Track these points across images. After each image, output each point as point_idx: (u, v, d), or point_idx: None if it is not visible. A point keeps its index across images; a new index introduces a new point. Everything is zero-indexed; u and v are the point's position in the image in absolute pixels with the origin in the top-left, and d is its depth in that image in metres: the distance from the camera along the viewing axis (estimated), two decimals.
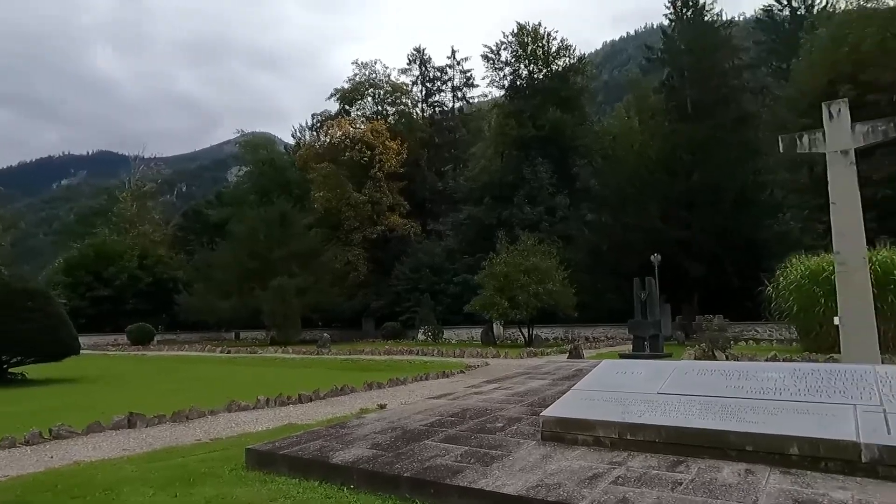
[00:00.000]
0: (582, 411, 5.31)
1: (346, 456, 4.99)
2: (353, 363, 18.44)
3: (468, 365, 15.65)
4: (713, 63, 38.49)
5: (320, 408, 9.65)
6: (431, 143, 51.06)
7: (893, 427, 4.13)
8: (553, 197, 36.05)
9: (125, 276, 43.17)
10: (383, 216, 42.65)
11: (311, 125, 51.64)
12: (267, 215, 37.45)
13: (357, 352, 21.66)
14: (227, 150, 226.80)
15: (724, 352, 14.51)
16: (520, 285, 24.64)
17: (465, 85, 54.29)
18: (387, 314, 40.27)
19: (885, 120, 10.53)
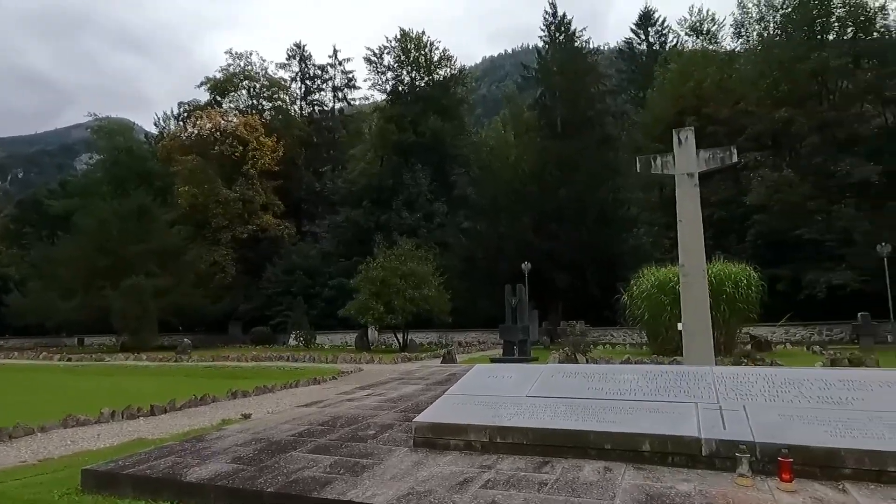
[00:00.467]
0: (454, 416, 5.33)
1: (203, 473, 4.58)
2: (216, 370, 17.26)
3: (341, 371, 15.29)
4: (581, 86, 41.36)
5: (176, 420, 8.87)
6: (309, 143, 49.63)
7: (728, 423, 4.59)
8: (431, 203, 36.54)
9: None
10: (255, 215, 40.57)
11: (177, 114, 47.93)
12: (122, 208, 34.00)
13: (221, 358, 20.30)
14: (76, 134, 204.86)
15: (585, 355, 15.49)
16: (396, 290, 24.61)
17: (346, 86, 53.46)
18: (256, 318, 38.32)
19: (723, 148, 11.85)
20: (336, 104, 53.43)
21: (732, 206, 31.99)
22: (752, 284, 17.02)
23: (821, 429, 4.29)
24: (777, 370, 6.01)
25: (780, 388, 5.12)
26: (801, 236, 27.97)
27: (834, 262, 26.62)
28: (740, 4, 35.30)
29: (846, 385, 4.98)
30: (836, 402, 4.70)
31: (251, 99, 47.61)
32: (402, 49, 40.26)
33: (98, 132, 48.94)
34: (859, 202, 27.90)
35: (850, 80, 29.81)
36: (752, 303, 16.71)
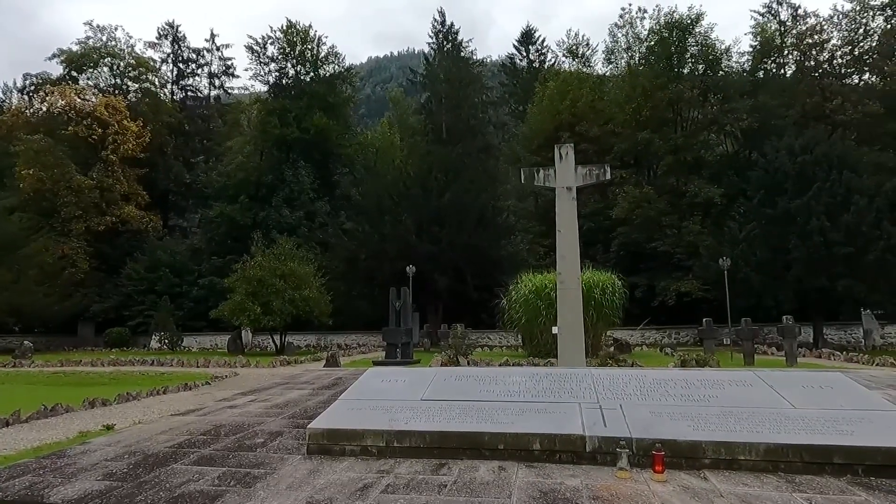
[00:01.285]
0: (349, 421, 5.27)
1: (69, 492, 4.13)
2: (66, 376, 15.49)
3: (215, 375, 14.42)
4: (466, 94, 42.67)
5: (22, 433, 7.87)
6: (181, 130, 46.24)
7: (608, 420, 5.00)
8: (313, 202, 35.60)
9: None
10: (115, 205, 36.92)
11: (22, 87, 42.27)
12: None
13: (72, 363, 18.23)
14: None
15: (466, 357, 15.95)
16: (275, 291, 23.68)
17: (224, 73, 50.47)
18: (112, 319, 34.93)
19: (598, 166, 12.82)
20: (212, 91, 50.30)
21: (600, 219, 34.62)
22: (616, 291, 18.56)
23: (685, 424, 4.81)
24: (646, 371, 6.63)
25: (650, 387, 5.66)
26: (656, 248, 30.94)
27: (683, 272, 29.75)
28: (611, 33, 38.46)
29: (705, 384, 5.63)
30: (697, 400, 5.30)
31: (114, 78, 43.33)
32: (288, 41, 38.86)
33: None
34: (703, 220, 31.44)
35: (700, 111, 33.56)
36: (616, 308, 18.21)
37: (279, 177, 35.90)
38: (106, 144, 36.49)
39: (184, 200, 46.51)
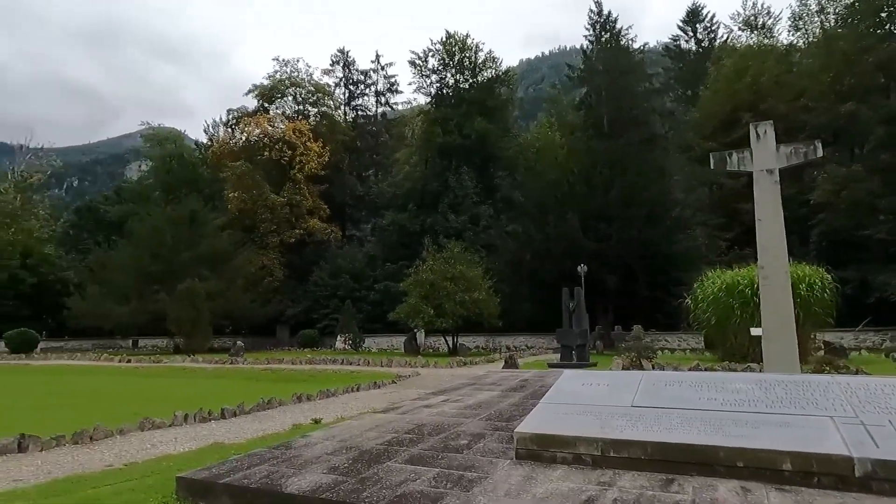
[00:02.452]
0: (558, 426, 4.98)
1: (302, 483, 4.36)
2: (272, 373, 17.32)
3: (399, 375, 15.09)
4: (627, 85, 40.46)
5: (247, 424, 8.79)
6: (353, 147, 50.05)
7: (879, 440, 4.11)
8: (477, 206, 36.24)
9: (5, 275, 38.74)
10: (302, 219, 41.10)
11: (226, 121, 48.98)
12: (174, 214, 34.89)
13: (275, 361, 20.41)
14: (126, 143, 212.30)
15: (651, 360, 14.89)
16: (446, 293, 24.37)
17: (388, 90, 53.82)
18: (303, 321, 38.73)
19: (805, 143, 11.12)
20: (379, 109, 53.82)
21: (793, 205, 30.58)
22: (826, 287, 16.11)
23: None
24: None
25: None
26: (869, 236, 26.56)
27: None
28: None
29: None
30: None
31: (297, 105, 48.34)
32: (447, 52, 40.19)
33: (149, 139, 50.49)
34: None
35: None
36: (828, 306, 15.81)
37: (443, 183, 37.12)
38: (294, 165, 40.74)
39: (358, 211, 50.22)
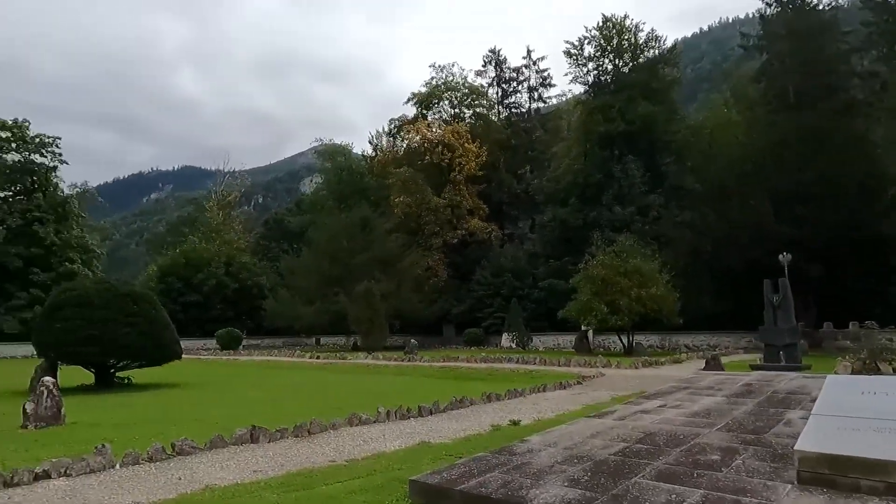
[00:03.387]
0: (856, 446, 3.98)
1: (547, 497, 3.90)
2: (450, 371, 17.50)
3: (582, 375, 14.32)
4: (816, 48, 35.24)
5: (444, 423, 8.67)
6: (508, 146, 49.82)
7: None
8: (645, 196, 33.95)
9: (213, 282, 44.39)
10: (463, 220, 41.82)
11: (388, 130, 51.70)
12: (348, 221, 37.43)
13: (451, 359, 20.70)
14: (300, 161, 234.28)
15: (891, 364, 12.46)
16: (619, 289, 22.98)
17: (541, 85, 52.76)
18: (467, 320, 39.29)
19: None
20: (532, 105, 53.03)
21: None
22: None
23: None
24: None
25: None
26: None
27: None
28: None
29: None
30: None
31: (453, 108, 49.40)
32: (604, 37, 38.24)
33: (322, 154, 54.94)
34: None
35: None
36: None
37: (606, 174, 35.35)
38: (453, 167, 41.60)
39: (514, 209, 49.93)
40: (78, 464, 5.64)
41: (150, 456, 6.16)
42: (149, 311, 14.72)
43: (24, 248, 38.50)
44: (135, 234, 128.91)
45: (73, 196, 44.24)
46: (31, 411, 8.24)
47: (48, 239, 39.19)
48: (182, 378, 16.93)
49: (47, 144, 41.64)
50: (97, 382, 14.62)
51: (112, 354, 14.03)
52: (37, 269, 38.74)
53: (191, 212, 65.64)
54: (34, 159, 41.30)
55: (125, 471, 5.77)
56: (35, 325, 15.03)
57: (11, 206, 39.36)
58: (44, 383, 8.47)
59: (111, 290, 14.45)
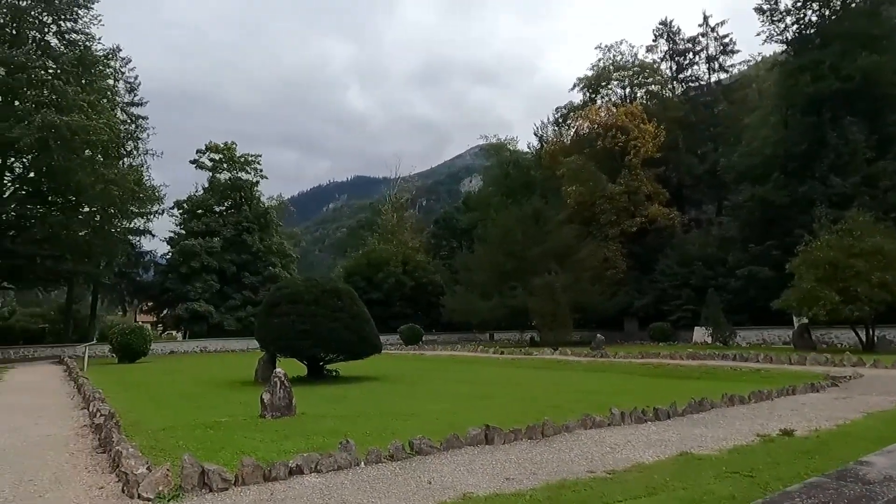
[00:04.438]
0: None
1: None
2: (655, 369, 15.84)
3: (832, 375, 11.93)
4: None
5: (691, 428, 7.39)
6: (686, 123, 45.49)
7: None
8: (873, 163, 28.49)
9: (392, 280, 46.54)
10: (641, 206, 38.92)
11: (554, 119, 50.14)
12: (521, 214, 36.76)
13: (650, 355, 18.93)
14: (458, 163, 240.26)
15: None
16: (854, 274, 19.27)
17: (721, 53, 47.47)
18: (651, 314, 36.45)
19: None
20: (712, 76, 47.95)
21: None
22: None
23: None
24: None
25: None
26: None
27: None
28: None
29: None
30: None
31: (623, 89, 46.49)
32: None
33: (487, 152, 55.04)
34: None
35: None
36: None
37: (817, 141, 30.32)
38: (627, 150, 38.94)
39: (698, 192, 45.53)
40: (326, 459, 5.43)
41: (391, 454, 5.81)
42: (351, 307, 15.25)
43: (237, 254, 43.65)
44: (317, 241, 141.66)
45: (272, 207, 49.30)
46: (267, 401, 8.55)
47: (255, 246, 44.04)
48: (380, 371, 17.40)
49: (251, 162, 46.92)
50: (309, 374, 15.48)
51: (322, 347, 14.72)
52: (247, 272, 43.74)
53: (368, 216, 70.07)
54: (241, 176, 46.72)
55: (371, 470, 5.44)
56: (256, 321, 16.34)
57: (225, 219, 44.85)
58: (277, 375, 8.75)
59: (318, 287, 15.19)
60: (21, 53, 28.66)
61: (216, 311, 41.63)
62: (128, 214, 37.66)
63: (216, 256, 42.20)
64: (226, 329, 41.52)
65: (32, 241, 29.94)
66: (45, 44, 31.54)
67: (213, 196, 45.79)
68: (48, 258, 30.68)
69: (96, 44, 33.15)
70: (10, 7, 29.96)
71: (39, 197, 32.10)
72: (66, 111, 28.12)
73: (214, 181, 46.24)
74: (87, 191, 30.50)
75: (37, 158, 29.81)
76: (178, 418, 8.61)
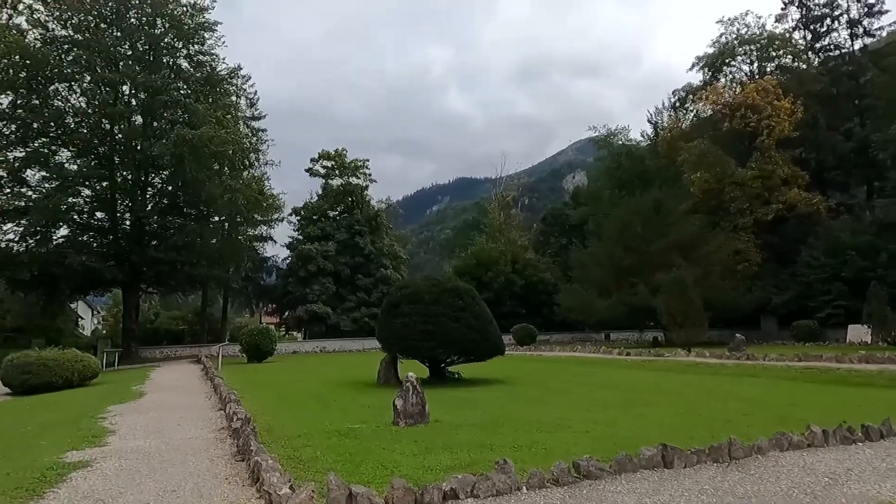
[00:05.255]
0: None
1: None
2: (822, 374, 13.68)
3: None
4: None
5: None
6: (826, 98, 40.65)
7: None
8: None
9: (502, 279, 45.69)
10: (776, 192, 35.09)
11: (671, 104, 46.82)
12: (640, 206, 34.47)
13: (810, 357, 16.56)
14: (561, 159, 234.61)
15: None
16: None
17: (866, 15, 42.01)
18: (793, 311, 32.71)
19: None
20: (854, 43, 42.50)
21: None
22: None
23: None
24: None
25: None
26: None
27: None
28: None
29: None
30: None
31: (750, 65, 42.38)
32: None
33: (598, 143, 52.55)
34: None
35: None
36: None
37: None
38: (759, 131, 35.31)
39: (844, 174, 40.52)
40: (483, 483, 4.66)
41: (555, 477, 4.94)
42: (473, 306, 14.59)
43: (350, 257, 44.88)
44: (422, 244, 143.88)
45: (382, 210, 50.31)
46: (400, 408, 8.00)
47: (367, 248, 45.06)
48: (502, 373, 16.61)
49: (360, 167, 48.17)
50: (431, 376, 14.99)
51: (445, 349, 14.16)
52: (360, 274, 44.83)
53: (474, 216, 69.76)
54: (351, 181, 48.07)
55: (534, 496, 4.62)
56: (377, 321, 16.15)
57: (339, 223, 46.31)
58: (409, 379, 8.19)
59: (438, 286, 14.68)
60: (158, 77, 31.12)
61: (333, 313, 43.01)
62: (252, 222, 39.97)
63: (331, 260, 43.60)
64: (342, 330, 42.77)
65: (171, 249, 32.35)
66: (178, 67, 34.06)
67: (326, 202, 47.50)
68: (185, 264, 33.03)
69: (220, 64, 35.44)
70: (149, 36, 32.59)
71: (176, 208, 34.70)
72: (197, 127, 30.14)
73: (327, 187, 47.96)
74: (217, 201, 32.59)
75: (173, 173, 32.22)
76: (311, 424, 8.29)
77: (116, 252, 31.85)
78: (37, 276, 29.38)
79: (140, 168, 32.22)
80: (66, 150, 32.03)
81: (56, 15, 31.04)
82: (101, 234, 33.21)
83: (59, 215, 30.12)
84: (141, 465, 6.21)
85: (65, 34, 31.31)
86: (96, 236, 33.27)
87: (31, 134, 30.57)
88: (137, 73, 30.72)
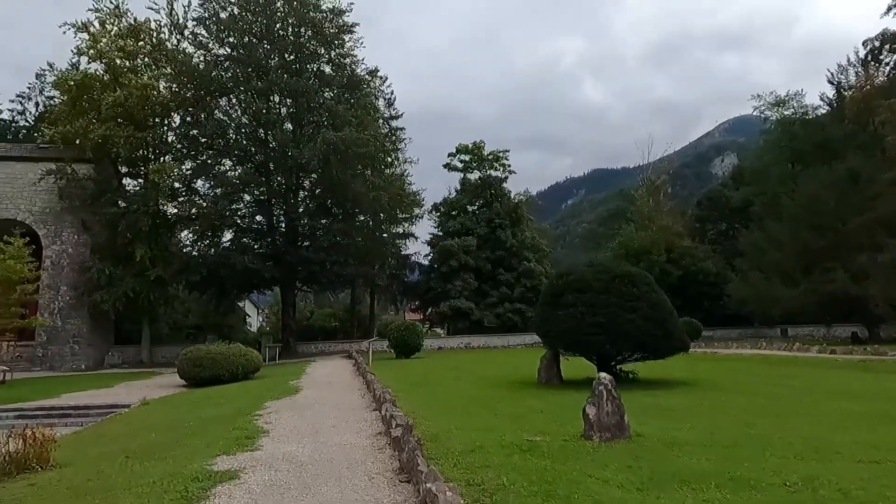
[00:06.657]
0: None
1: None
2: None
3: None
4: None
5: None
6: None
7: None
8: None
9: (656, 270, 41.65)
10: None
11: (860, 59, 39.54)
12: (832, 177, 29.22)
13: None
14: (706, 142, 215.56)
15: None
16: None
17: None
18: None
19: None
20: None
21: None
22: None
23: None
24: None
25: None
26: None
27: None
28: None
29: None
30: None
31: None
32: None
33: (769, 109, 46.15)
34: None
35: None
36: None
37: None
38: None
39: None
40: None
41: None
42: (649, 295, 12.45)
43: (491, 251, 43.67)
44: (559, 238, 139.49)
45: (522, 202, 48.60)
46: (593, 417, 6.31)
47: (508, 241, 43.57)
48: (680, 374, 14.27)
49: (499, 158, 46.87)
50: None
51: (618, 344, 12.19)
52: (502, 269, 43.48)
53: (618, 204, 65.40)
54: (490, 174, 46.90)
55: None
56: (535, 313, 14.57)
57: (479, 217, 45.35)
58: (601, 381, 6.48)
59: (607, 272, 12.74)
60: (304, 83, 32.25)
61: (476, 308, 42.13)
62: (395, 219, 40.31)
63: (472, 255, 42.70)
64: (485, 326, 41.72)
65: (322, 248, 33.37)
66: (321, 72, 35.14)
67: (465, 196, 46.75)
68: (335, 263, 33.93)
69: (360, 65, 36.04)
70: (295, 45, 33.95)
71: (324, 209, 35.84)
72: (339, 129, 30.71)
73: (466, 181, 47.20)
74: (361, 200, 33.08)
75: (320, 175, 33.19)
76: (481, 434, 6.87)
77: (274, 253, 33.57)
78: (206, 278, 31.78)
79: (292, 172, 33.65)
80: (228, 159, 34.40)
81: (215, 36, 33.44)
82: (260, 236, 35.24)
83: (224, 220, 32.36)
84: (292, 480, 5.20)
85: (223, 52, 33.64)
86: (256, 238, 35.37)
87: (200, 147, 33.21)
88: (285, 81, 32.05)
